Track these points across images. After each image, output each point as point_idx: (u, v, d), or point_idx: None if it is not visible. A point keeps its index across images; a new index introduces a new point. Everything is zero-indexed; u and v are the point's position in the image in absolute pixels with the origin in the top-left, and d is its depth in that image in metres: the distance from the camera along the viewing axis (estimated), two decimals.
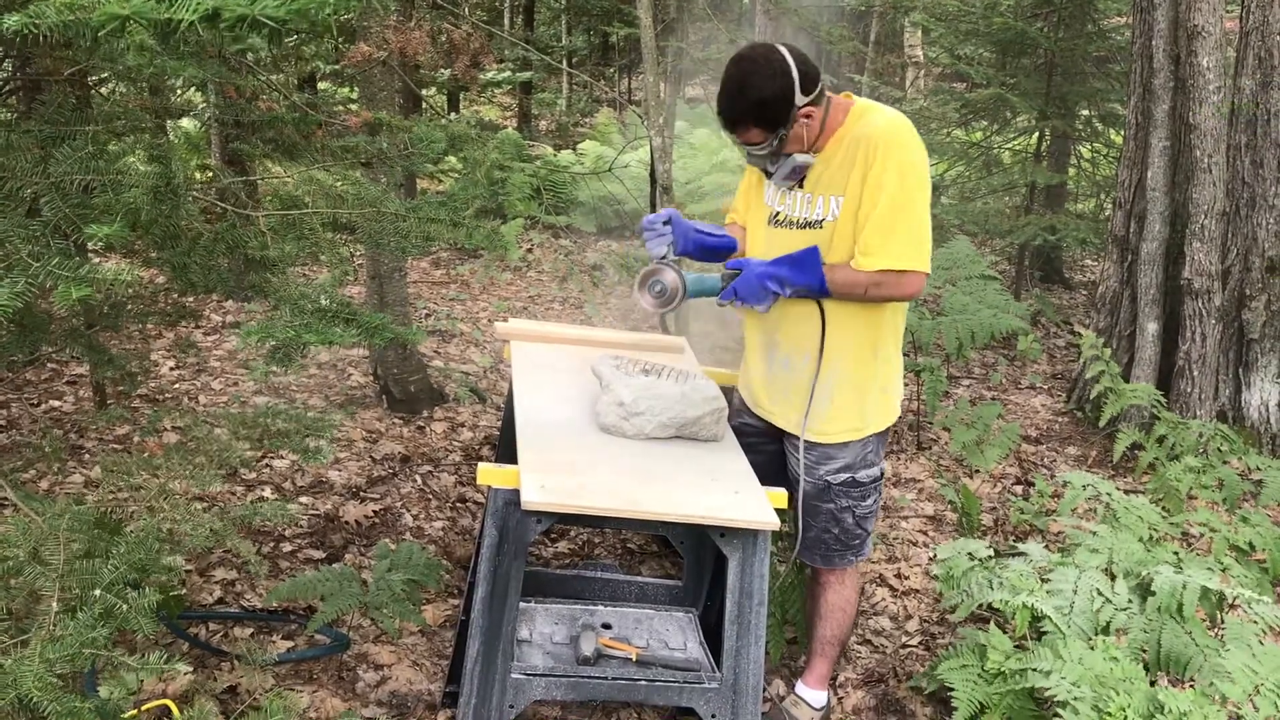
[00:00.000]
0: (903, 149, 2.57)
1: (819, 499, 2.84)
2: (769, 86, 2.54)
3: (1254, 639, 2.83)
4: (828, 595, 3.01)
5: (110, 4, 1.25)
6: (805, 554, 2.93)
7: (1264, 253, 5.23)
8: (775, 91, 2.54)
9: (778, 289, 2.64)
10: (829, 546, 2.89)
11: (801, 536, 2.90)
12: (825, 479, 2.82)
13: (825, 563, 2.93)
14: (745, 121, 2.58)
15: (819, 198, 2.69)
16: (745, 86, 2.55)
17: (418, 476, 4.55)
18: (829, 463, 2.81)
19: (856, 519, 2.87)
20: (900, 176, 2.55)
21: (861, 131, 2.62)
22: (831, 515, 2.85)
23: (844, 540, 2.88)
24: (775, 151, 2.64)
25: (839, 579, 2.99)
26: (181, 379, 5.43)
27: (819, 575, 3.01)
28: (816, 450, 2.81)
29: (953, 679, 2.79)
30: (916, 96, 12.04)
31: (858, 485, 2.83)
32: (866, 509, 2.87)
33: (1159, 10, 5.33)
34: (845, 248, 2.65)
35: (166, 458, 2.50)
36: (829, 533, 2.87)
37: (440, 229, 2.80)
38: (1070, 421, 5.87)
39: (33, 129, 2.30)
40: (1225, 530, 3.55)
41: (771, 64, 2.55)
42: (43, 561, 1.92)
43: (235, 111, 3.50)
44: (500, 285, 8.40)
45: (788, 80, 2.54)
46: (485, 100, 17.85)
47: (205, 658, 3.10)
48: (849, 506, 2.84)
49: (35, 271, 1.80)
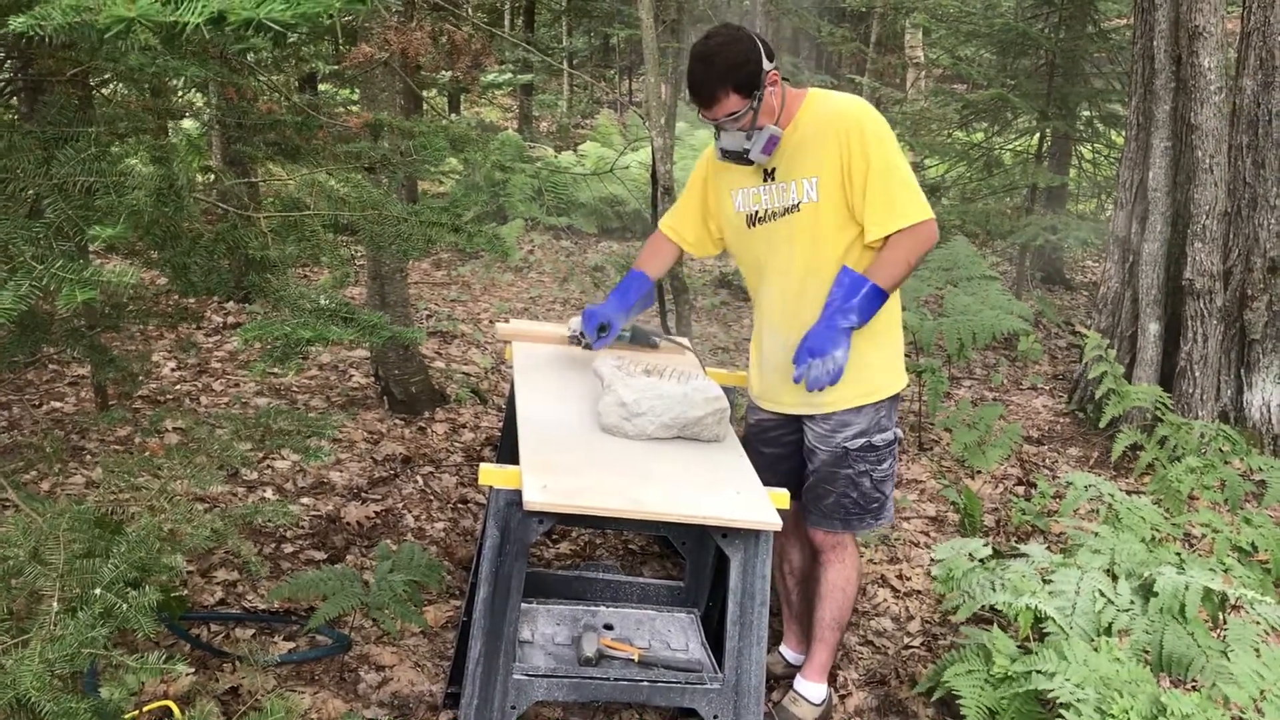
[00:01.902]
0: (872, 121, 2.73)
1: (837, 465, 2.91)
2: (740, 50, 2.67)
3: (1257, 640, 2.83)
4: (828, 574, 3.05)
5: (116, 6, 1.24)
6: (824, 521, 2.98)
7: (1265, 253, 5.23)
8: (746, 54, 2.67)
9: (848, 321, 2.71)
10: (848, 511, 2.95)
11: (819, 504, 2.97)
12: (843, 445, 2.89)
13: (845, 526, 2.98)
14: (724, 88, 2.67)
15: (791, 183, 2.80)
16: (720, 54, 2.67)
17: (419, 477, 4.55)
18: (845, 430, 2.88)
19: (875, 482, 2.94)
20: (879, 145, 2.70)
21: (828, 113, 2.76)
22: (850, 480, 2.92)
23: (862, 504, 2.95)
24: (752, 122, 2.73)
25: (839, 557, 3.03)
26: (183, 380, 5.43)
27: (820, 554, 3.05)
28: (832, 419, 2.89)
29: (959, 685, 2.77)
30: (917, 97, 12.04)
31: (874, 449, 2.91)
32: (884, 472, 2.95)
33: (1160, 11, 5.33)
34: (830, 225, 2.77)
35: (168, 458, 2.50)
36: (848, 497, 2.93)
37: (441, 232, 2.80)
38: (1072, 422, 5.87)
39: (35, 130, 2.29)
40: (1227, 531, 3.55)
41: (737, 33, 2.72)
42: (43, 561, 1.91)
43: (236, 113, 3.50)
44: (501, 286, 8.40)
45: (754, 45, 2.69)
46: (486, 102, 17.86)
47: (207, 659, 3.09)
48: (866, 471, 2.92)
49: (39, 274, 1.79)
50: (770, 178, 2.83)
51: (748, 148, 2.76)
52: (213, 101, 5.11)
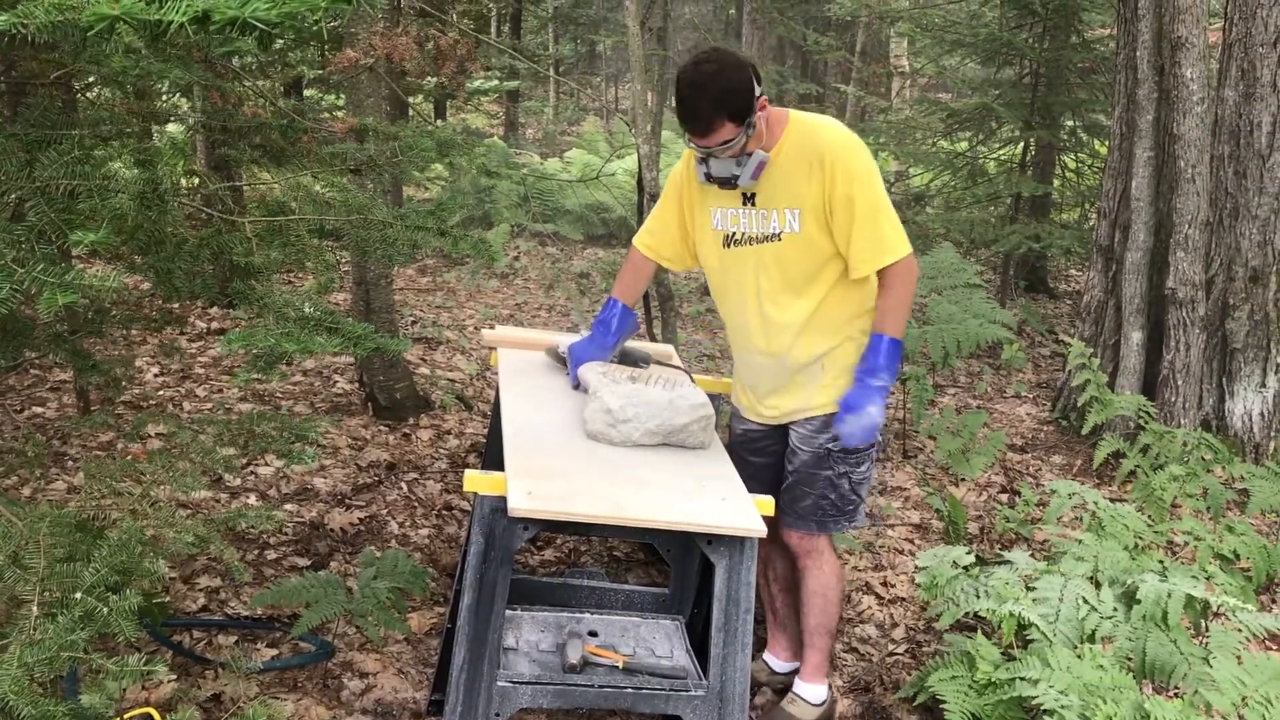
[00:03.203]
0: (856, 156, 2.72)
1: (817, 466, 2.92)
2: (733, 77, 2.63)
3: (1238, 647, 2.84)
4: (807, 581, 3.05)
5: (99, 4, 1.24)
6: (799, 523, 2.99)
7: (1247, 262, 5.27)
8: (740, 80, 2.63)
9: (878, 380, 2.77)
10: (825, 512, 2.96)
11: (796, 506, 2.97)
12: (825, 446, 2.90)
13: (820, 528, 2.99)
14: (720, 118, 2.62)
15: (774, 211, 2.78)
16: (713, 81, 2.62)
17: (403, 484, 4.54)
18: (827, 430, 2.89)
19: (852, 484, 2.96)
20: (864, 183, 2.70)
21: (810, 144, 2.73)
22: (829, 481, 2.93)
23: (839, 505, 2.96)
24: (743, 149, 2.70)
25: (816, 564, 3.03)
26: (166, 385, 5.40)
27: (796, 562, 3.07)
28: (816, 420, 2.91)
29: (944, 691, 2.79)
30: (902, 106, 12.08)
31: (854, 451, 2.91)
32: (861, 475, 2.97)
33: (1143, 22, 5.36)
34: (807, 257, 2.78)
35: (150, 462, 2.48)
36: (826, 499, 2.95)
37: (427, 237, 2.80)
38: (1055, 430, 5.89)
39: (18, 132, 2.28)
40: (1210, 539, 3.57)
41: (727, 58, 2.68)
42: (23, 566, 1.90)
43: (221, 117, 3.48)
44: (487, 292, 8.39)
45: (745, 70, 2.66)
46: (472, 108, 17.85)
47: (189, 665, 3.07)
48: (845, 472, 2.93)
49: (20, 278, 1.78)
50: (750, 202, 2.81)
51: (737, 174, 2.73)
52: (198, 105, 5.08)
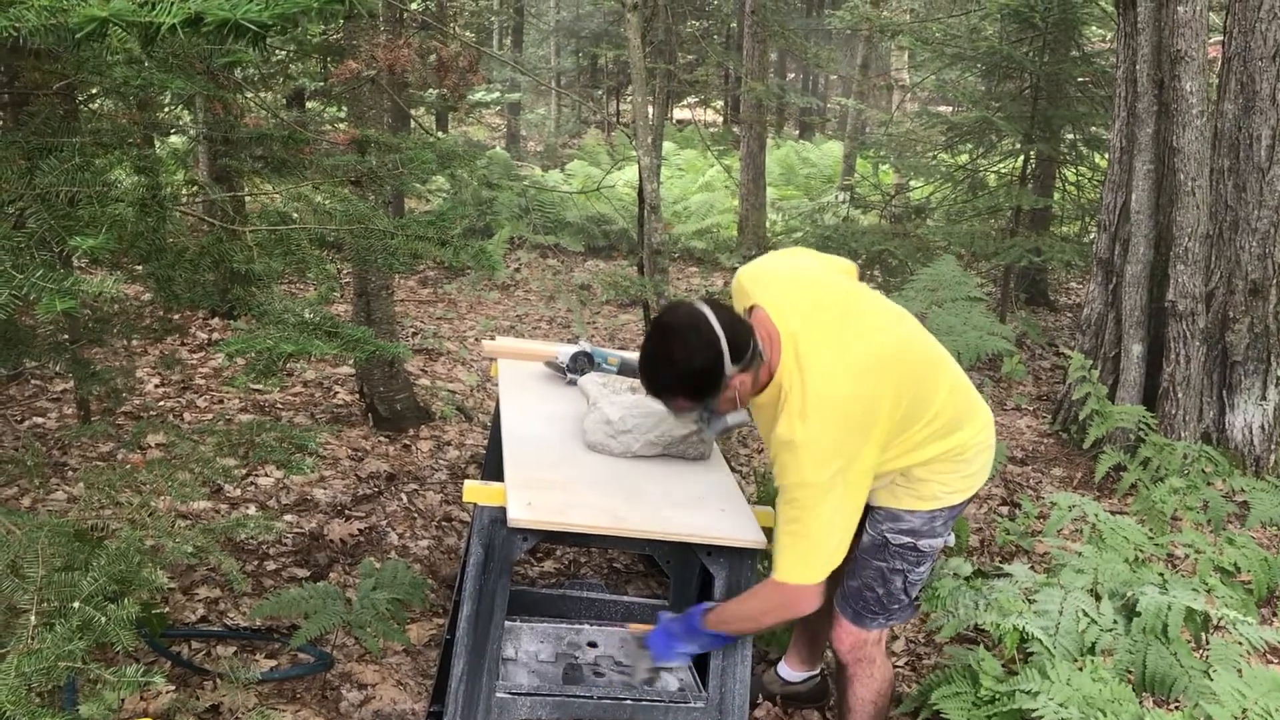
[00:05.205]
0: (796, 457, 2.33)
1: (873, 554, 2.65)
2: (697, 359, 2.30)
3: (1239, 660, 2.84)
4: (855, 688, 2.79)
5: (89, 6, 1.24)
6: (841, 602, 2.74)
7: (1247, 275, 5.27)
8: (703, 364, 2.30)
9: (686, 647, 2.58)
10: (867, 604, 2.70)
11: (846, 583, 2.71)
12: (885, 535, 2.63)
13: (855, 620, 2.72)
14: (675, 397, 2.39)
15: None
16: (671, 359, 2.33)
17: (403, 495, 4.53)
18: (894, 522, 2.62)
19: (906, 583, 2.68)
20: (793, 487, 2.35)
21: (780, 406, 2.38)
22: (880, 574, 2.65)
23: (884, 602, 2.69)
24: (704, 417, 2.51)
25: (866, 671, 2.77)
26: (166, 395, 5.40)
27: (842, 664, 2.81)
28: (884, 510, 2.63)
29: (947, 707, 2.77)
30: (903, 119, 12.12)
31: (916, 551, 2.64)
32: (918, 576, 2.69)
33: (1143, 35, 5.38)
34: None
35: (149, 472, 2.48)
36: (872, 590, 2.68)
37: (428, 247, 2.80)
38: (1056, 443, 5.89)
39: (19, 140, 2.29)
40: (1210, 551, 3.55)
41: (699, 334, 2.30)
42: (21, 575, 1.89)
43: (223, 128, 3.49)
44: (487, 304, 8.40)
45: (716, 351, 2.29)
46: (474, 120, 17.91)
47: (188, 676, 3.06)
48: (902, 570, 2.65)
49: (19, 284, 1.78)
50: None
51: (701, 427, 2.59)
52: (200, 117, 5.10)
